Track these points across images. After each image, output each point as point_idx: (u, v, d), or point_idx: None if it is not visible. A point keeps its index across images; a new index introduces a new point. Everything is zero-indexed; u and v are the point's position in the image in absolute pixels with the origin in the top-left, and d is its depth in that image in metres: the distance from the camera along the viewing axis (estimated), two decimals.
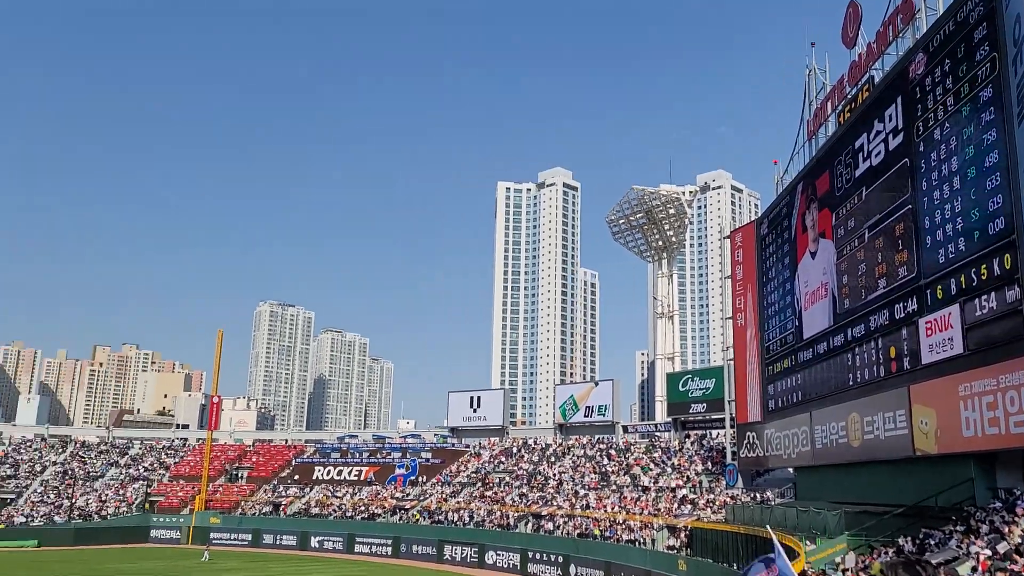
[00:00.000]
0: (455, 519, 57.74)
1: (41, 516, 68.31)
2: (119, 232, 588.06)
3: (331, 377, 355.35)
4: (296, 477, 74.96)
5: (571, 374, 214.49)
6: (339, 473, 73.46)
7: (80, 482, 75.01)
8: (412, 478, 68.60)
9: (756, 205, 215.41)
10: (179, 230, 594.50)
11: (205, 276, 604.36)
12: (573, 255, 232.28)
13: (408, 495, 65.59)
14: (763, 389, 35.68)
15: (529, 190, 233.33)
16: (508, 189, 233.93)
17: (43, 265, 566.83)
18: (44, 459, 79.60)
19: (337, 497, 68.45)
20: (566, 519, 48.63)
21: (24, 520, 67.34)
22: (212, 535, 64.97)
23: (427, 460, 70.75)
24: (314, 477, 73.99)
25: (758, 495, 37.73)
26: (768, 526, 21.70)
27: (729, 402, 42.23)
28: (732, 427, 41.91)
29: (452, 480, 65.59)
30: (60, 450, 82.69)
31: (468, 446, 72.06)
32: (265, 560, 56.68)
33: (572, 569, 41.82)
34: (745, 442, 38.24)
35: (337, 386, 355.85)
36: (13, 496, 71.70)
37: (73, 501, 70.49)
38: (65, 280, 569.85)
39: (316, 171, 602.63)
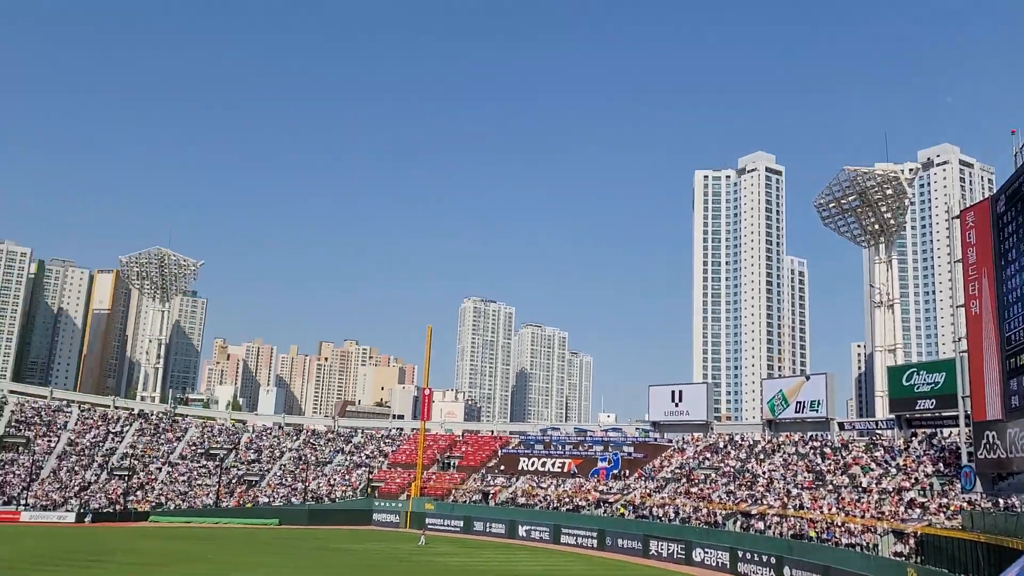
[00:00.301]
0: (660, 514, 58.35)
1: (280, 497, 78.83)
2: (341, 229, 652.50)
3: (532, 371, 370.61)
4: (502, 467, 79.25)
5: (779, 368, 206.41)
6: (543, 464, 76.36)
7: (312, 467, 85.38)
8: (615, 471, 70.20)
9: (990, 180, 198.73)
10: (395, 226, 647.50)
11: (415, 272, 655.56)
12: (778, 243, 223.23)
13: (611, 488, 67.00)
14: (1004, 384, 33.39)
15: (728, 177, 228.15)
16: (706, 177, 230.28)
17: (272, 265, 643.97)
18: (281, 445, 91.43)
19: (542, 488, 71.33)
20: (778, 519, 48.10)
21: (267, 500, 78.15)
22: (427, 520, 69.73)
23: (629, 454, 72.07)
24: (519, 467, 77.48)
25: (1001, 501, 35.45)
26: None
27: (963, 398, 39.56)
28: (967, 425, 39.25)
29: (655, 475, 66.47)
30: (295, 437, 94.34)
31: (671, 441, 72.61)
32: (477, 547, 59.34)
33: (787, 571, 40.94)
34: (984, 442, 35.86)
35: (538, 379, 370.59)
36: (257, 478, 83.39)
37: (307, 484, 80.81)
38: (295, 279, 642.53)
39: (516, 170, 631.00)
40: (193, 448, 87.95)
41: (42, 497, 71.42)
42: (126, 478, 77.96)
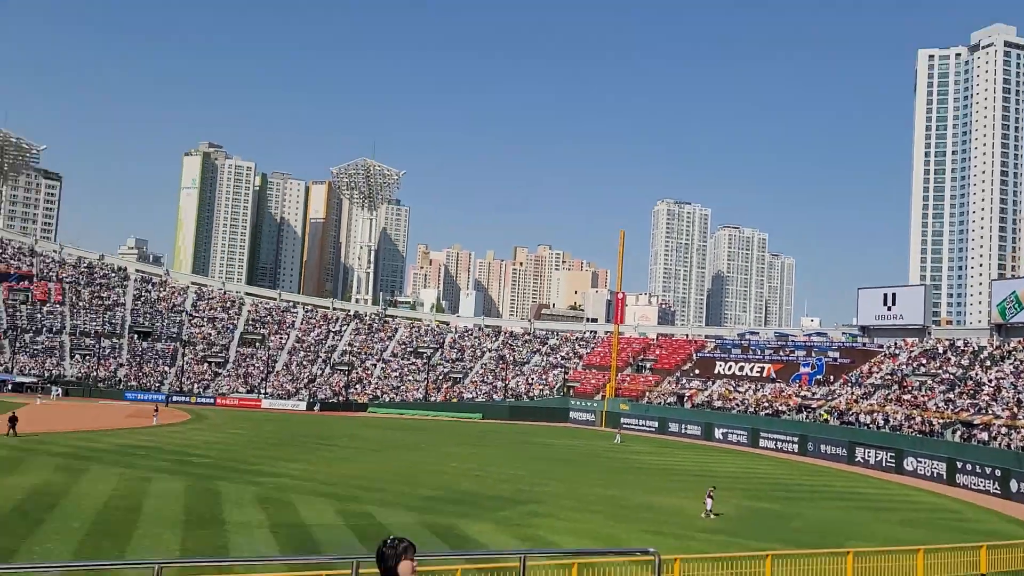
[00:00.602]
0: (867, 421, 56.96)
1: (482, 393, 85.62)
2: (534, 136, 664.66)
3: (729, 274, 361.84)
4: (697, 371, 79.84)
5: (1013, 267, 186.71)
6: (740, 369, 76.14)
7: (511, 367, 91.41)
8: (818, 377, 68.85)
9: None
10: (588, 129, 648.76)
11: (607, 176, 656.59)
12: (1017, 129, 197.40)
13: (814, 394, 65.97)
14: None
15: (959, 55, 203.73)
16: (931, 57, 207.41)
17: (469, 172, 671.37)
18: (482, 346, 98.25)
19: (739, 392, 71.54)
20: (1005, 430, 46.47)
21: (470, 396, 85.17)
22: (622, 420, 72.12)
23: (834, 360, 70.18)
24: (715, 371, 77.66)
25: None
26: None
27: None
28: None
29: (863, 381, 64.56)
30: (494, 338, 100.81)
31: (881, 346, 69.94)
32: (672, 447, 60.34)
33: (1013, 485, 39.02)
34: None
35: (735, 282, 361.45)
36: (460, 376, 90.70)
37: (507, 383, 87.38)
38: (490, 186, 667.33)
39: (710, 71, 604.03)
40: (403, 347, 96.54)
41: (278, 387, 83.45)
42: (346, 372, 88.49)
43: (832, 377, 68.33)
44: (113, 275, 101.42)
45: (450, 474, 39.36)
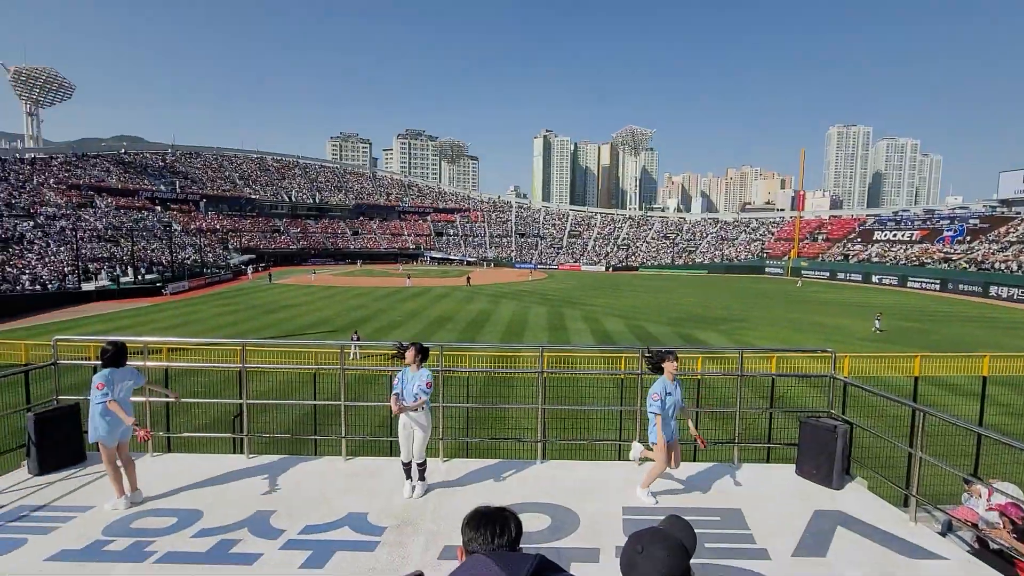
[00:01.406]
0: (1002, 268, 49.89)
1: (707, 258, 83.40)
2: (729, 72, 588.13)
3: (886, 172, 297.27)
4: (859, 239, 73.35)
5: None
6: (894, 235, 68.75)
7: (725, 242, 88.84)
8: (959, 238, 61.63)
9: None
10: (766, 63, 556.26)
11: (785, 102, 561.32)
12: None
13: (955, 250, 59.67)
14: None
15: None
16: None
17: (712, 115, 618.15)
18: (705, 231, 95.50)
19: (892, 251, 65.93)
20: None
21: (700, 260, 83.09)
22: (802, 272, 68.86)
23: (975, 224, 61.39)
24: (874, 238, 71.13)
25: None
26: None
27: None
28: None
29: (1000, 239, 56.96)
30: (713, 225, 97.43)
31: (1018, 213, 59.90)
32: (839, 288, 55.82)
33: None
34: None
35: (891, 177, 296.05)
36: (693, 249, 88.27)
37: (722, 251, 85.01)
38: (709, 126, 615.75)
39: None
40: (657, 234, 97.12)
41: (589, 258, 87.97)
42: (625, 249, 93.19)
43: (970, 237, 59.54)
44: (504, 205, 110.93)
45: (687, 304, 38.07)
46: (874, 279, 60.68)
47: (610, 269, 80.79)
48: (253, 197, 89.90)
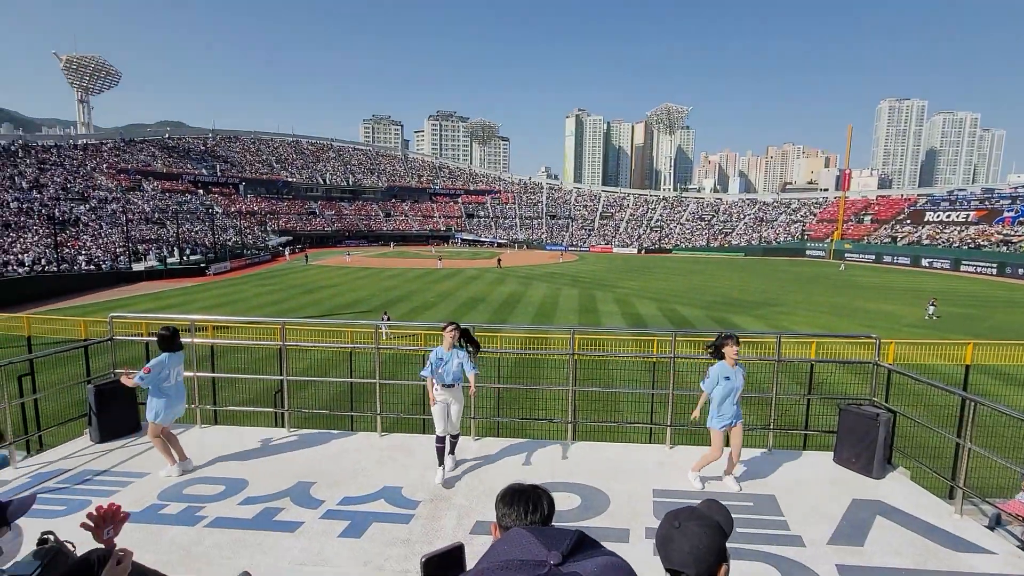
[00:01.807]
0: None
1: (744, 240, 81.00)
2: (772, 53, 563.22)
3: (942, 148, 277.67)
4: (909, 221, 69.46)
5: None
6: (947, 216, 64.59)
7: (763, 223, 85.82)
8: (1021, 219, 58.07)
9: None
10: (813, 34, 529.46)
11: (831, 76, 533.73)
12: None
13: (1016, 232, 55.76)
14: None
15: None
16: None
17: (732, 94, 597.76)
18: (743, 212, 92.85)
19: (945, 233, 62.26)
20: None
21: (737, 243, 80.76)
22: (846, 255, 65.61)
23: None
24: (925, 220, 67.17)
25: None
26: None
27: None
28: None
29: None
30: (751, 206, 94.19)
31: None
32: (885, 272, 52.64)
33: None
34: None
35: (947, 154, 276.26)
36: (730, 231, 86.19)
37: (760, 234, 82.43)
38: (748, 104, 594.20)
39: None
40: (692, 215, 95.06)
41: (621, 241, 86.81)
42: (659, 231, 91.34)
43: None
44: (535, 186, 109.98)
45: (723, 288, 37.05)
46: (924, 262, 57.60)
47: (642, 251, 79.76)
48: (290, 180, 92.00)
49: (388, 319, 20.39)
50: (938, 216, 65.99)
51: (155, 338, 5.10)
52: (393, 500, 4.63)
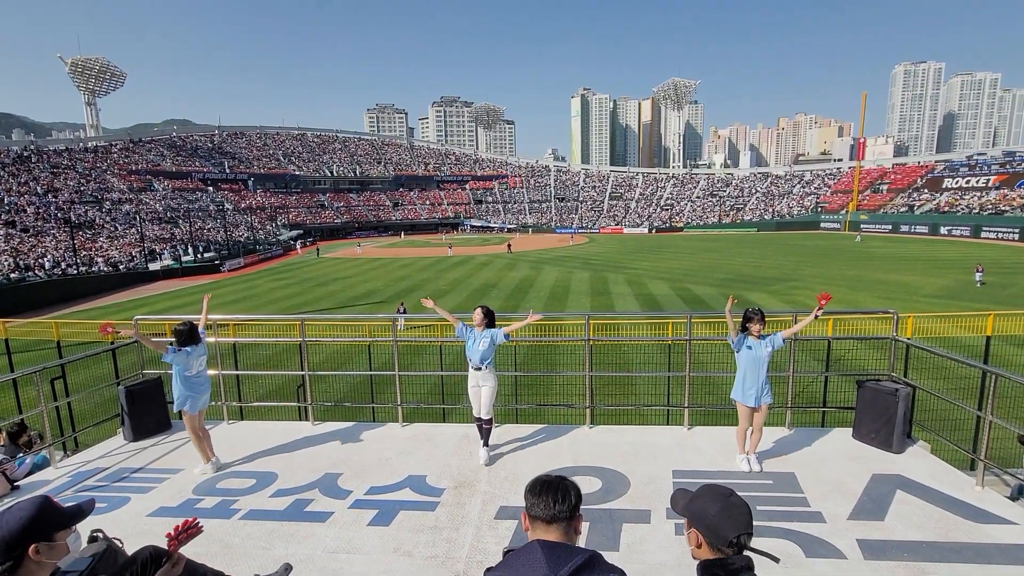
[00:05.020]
0: None
1: (757, 215, 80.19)
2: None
3: (960, 111, 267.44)
4: (926, 188, 68.12)
5: None
6: (967, 182, 63.20)
7: (776, 197, 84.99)
8: None
9: None
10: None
11: (839, 44, 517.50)
12: None
13: None
14: None
15: None
16: None
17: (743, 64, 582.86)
18: (754, 187, 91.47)
19: (964, 199, 61.19)
20: None
21: (748, 218, 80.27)
22: (862, 226, 64.89)
23: None
24: (943, 186, 65.79)
25: None
26: None
27: None
28: None
29: None
30: (763, 180, 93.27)
31: None
32: (902, 242, 52.58)
33: None
34: None
35: (966, 117, 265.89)
36: (741, 206, 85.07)
37: (774, 207, 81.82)
38: (759, 72, 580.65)
39: None
40: (703, 192, 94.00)
41: (631, 221, 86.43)
42: (668, 210, 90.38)
43: None
44: (542, 169, 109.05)
45: (736, 264, 36.47)
46: (942, 230, 56.76)
47: (653, 231, 79.31)
48: (297, 174, 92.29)
49: (404, 310, 20.58)
50: (957, 182, 64.70)
51: (174, 336, 5.24)
52: (418, 488, 4.75)
